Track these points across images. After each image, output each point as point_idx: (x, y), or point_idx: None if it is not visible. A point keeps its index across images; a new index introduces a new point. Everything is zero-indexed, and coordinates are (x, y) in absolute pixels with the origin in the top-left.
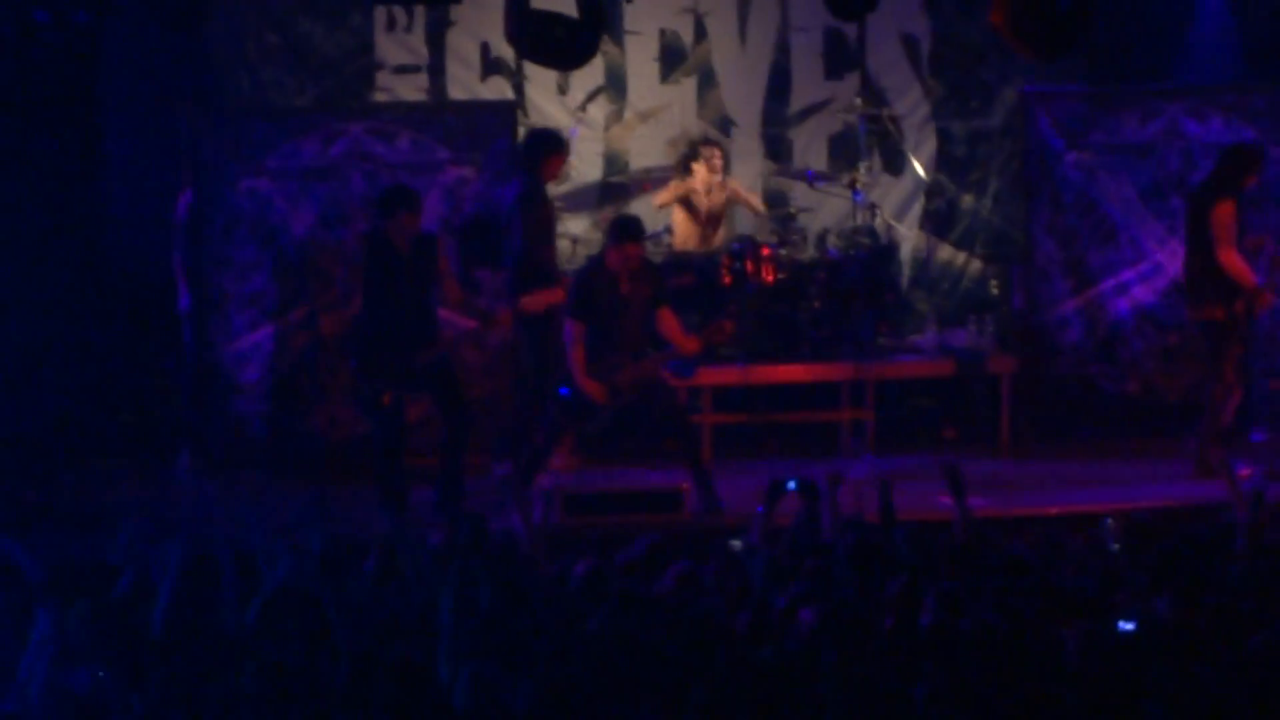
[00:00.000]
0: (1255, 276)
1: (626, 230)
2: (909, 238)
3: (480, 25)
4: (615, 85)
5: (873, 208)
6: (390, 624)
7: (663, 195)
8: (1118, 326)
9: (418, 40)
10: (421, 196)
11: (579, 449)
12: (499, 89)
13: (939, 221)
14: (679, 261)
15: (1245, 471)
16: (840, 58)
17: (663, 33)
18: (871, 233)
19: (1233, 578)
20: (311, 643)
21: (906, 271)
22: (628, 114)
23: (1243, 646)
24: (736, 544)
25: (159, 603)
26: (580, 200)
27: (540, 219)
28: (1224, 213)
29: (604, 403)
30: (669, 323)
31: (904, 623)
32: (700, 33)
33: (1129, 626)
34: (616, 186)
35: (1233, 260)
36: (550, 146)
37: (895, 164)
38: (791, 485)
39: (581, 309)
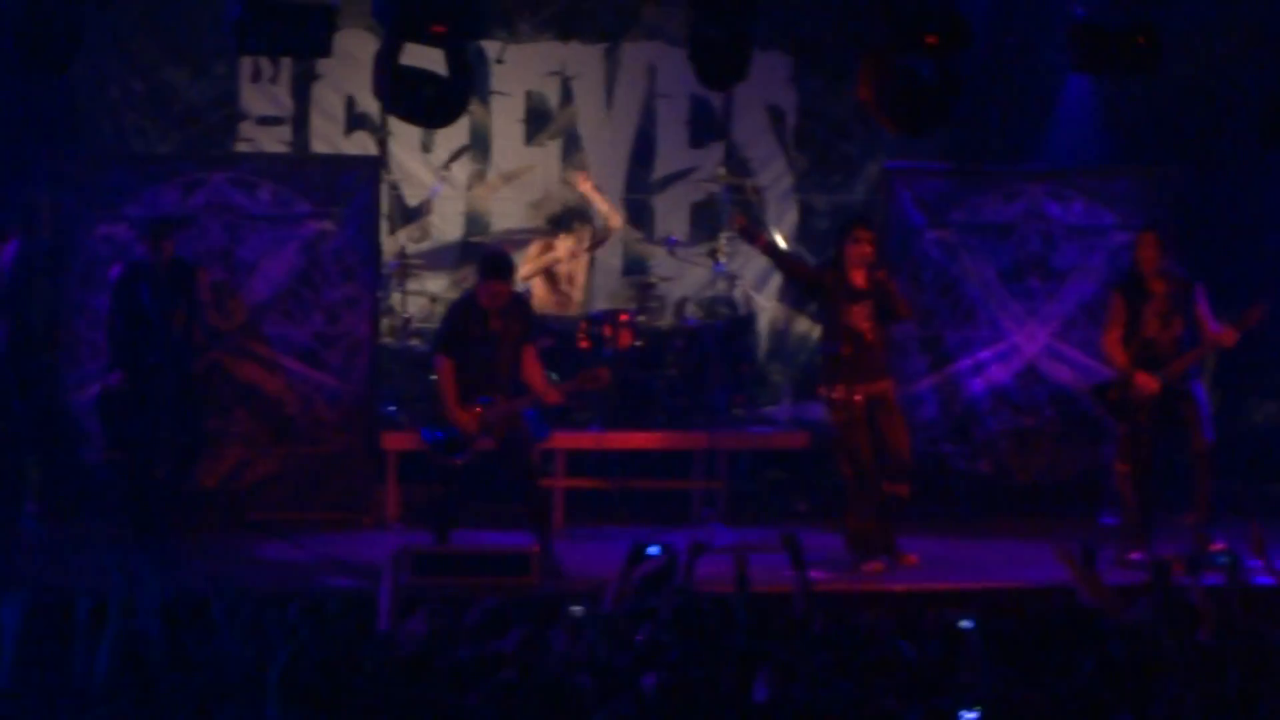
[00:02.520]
0: (1125, 360)
1: (493, 267)
2: (767, 309)
3: (346, 79)
4: (479, 145)
5: (732, 278)
6: (219, 679)
7: (526, 267)
8: (972, 406)
9: (283, 92)
10: (172, 226)
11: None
12: (362, 144)
13: (798, 294)
14: (537, 324)
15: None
16: (705, 126)
17: (529, 95)
18: (730, 303)
19: (1087, 663)
20: (151, 696)
21: (764, 343)
22: (491, 174)
23: None
24: (578, 609)
25: (3, 655)
26: (440, 259)
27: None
28: (1112, 301)
29: (474, 434)
30: (531, 365)
31: (740, 693)
32: (567, 96)
33: (972, 716)
34: (477, 246)
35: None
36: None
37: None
38: (653, 551)
39: (450, 343)
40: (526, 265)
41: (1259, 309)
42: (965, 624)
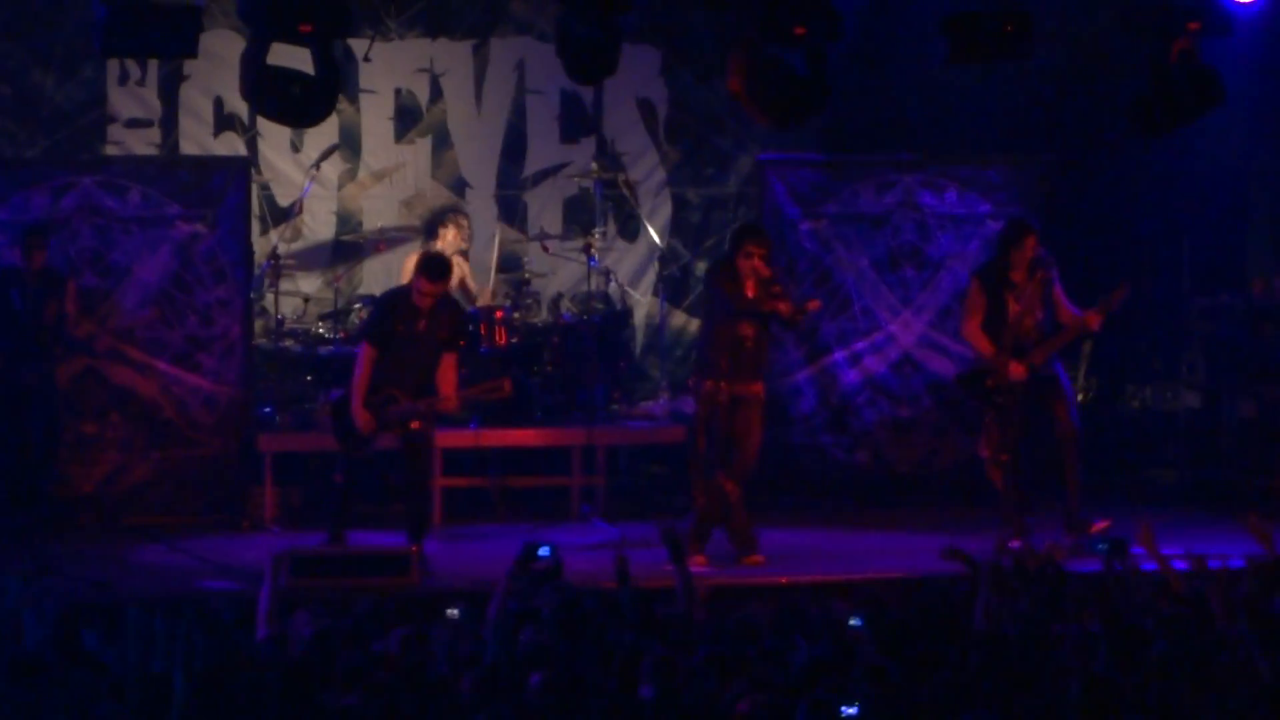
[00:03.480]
0: (991, 346)
1: (432, 267)
2: (643, 304)
3: (214, 80)
4: (350, 144)
5: (607, 273)
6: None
7: (407, 272)
8: (849, 396)
9: (150, 94)
10: (44, 234)
11: None
12: (232, 144)
13: (673, 288)
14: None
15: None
16: (577, 121)
17: (398, 92)
18: (606, 298)
19: (965, 653)
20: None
21: (640, 338)
22: (361, 173)
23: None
24: (454, 613)
25: None
26: (312, 259)
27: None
28: (970, 289)
29: (368, 434)
30: (447, 368)
31: (625, 691)
32: (436, 93)
33: (851, 711)
34: (350, 245)
35: (965, 330)
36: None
37: (630, 229)
38: (544, 551)
39: (376, 334)
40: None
41: (1122, 291)
42: (854, 622)
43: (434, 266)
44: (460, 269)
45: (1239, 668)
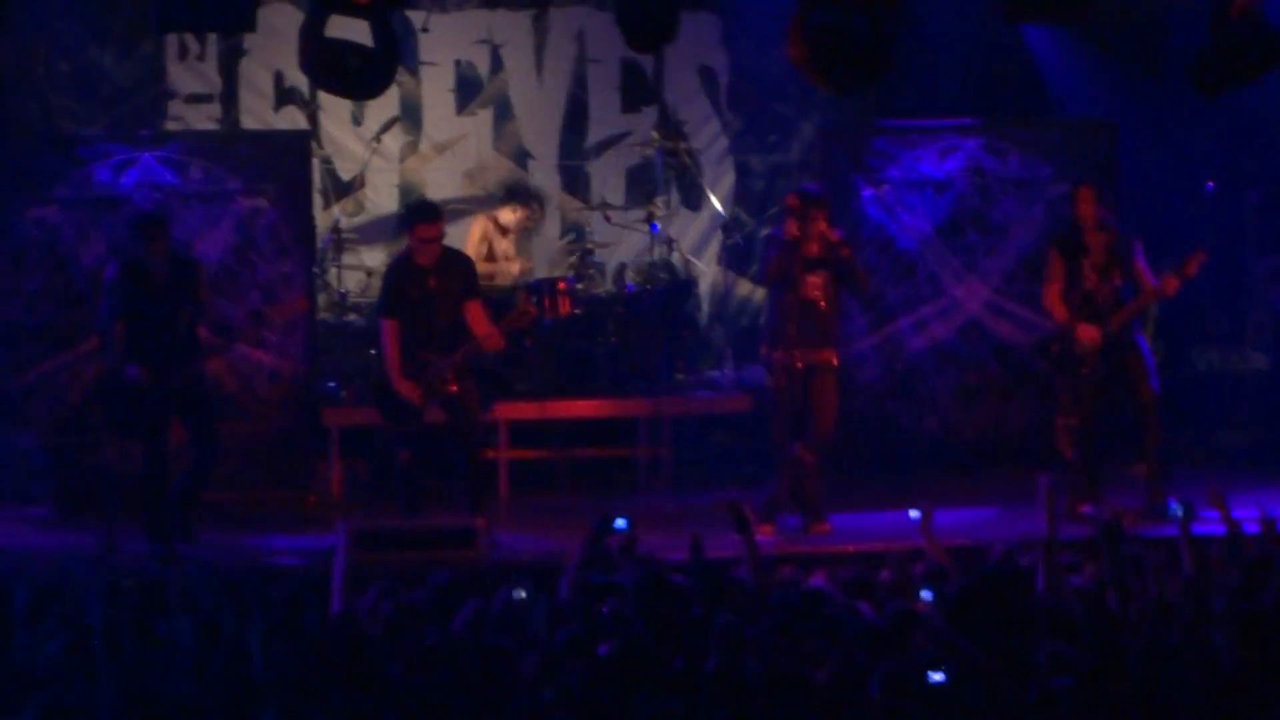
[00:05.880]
0: (1066, 313)
1: (419, 213)
2: (707, 273)
3: (274, 54)
4: (410, 116)
5: (670, 242)
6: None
7: (472, 241)
8: (916, 363)
9: (210, 69)
10: (165, 222)
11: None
12: (292, 119)
13: (737, 256)
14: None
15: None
16: (638, 91)
17: (459, 64)
18: (669, 268)
19: (1032, 620)
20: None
21: (705, 307)
22: (423, 145)
23: (1042, 690)
24: (521, 593)
25: None
26: (375, 232)
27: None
28: (1049, 256)
29: (420, 404)
30: (476, 315)
31: (692, 662)
32: (496, 64)
33: (939, 678)
34: None
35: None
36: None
37: (693, 198)
38: (621, 523)
39: (392, 305)
40: (471, 239)
41: (1199, 257)
42: (925, 594)
43: (426, 209)
44: (502, 242)
45: None
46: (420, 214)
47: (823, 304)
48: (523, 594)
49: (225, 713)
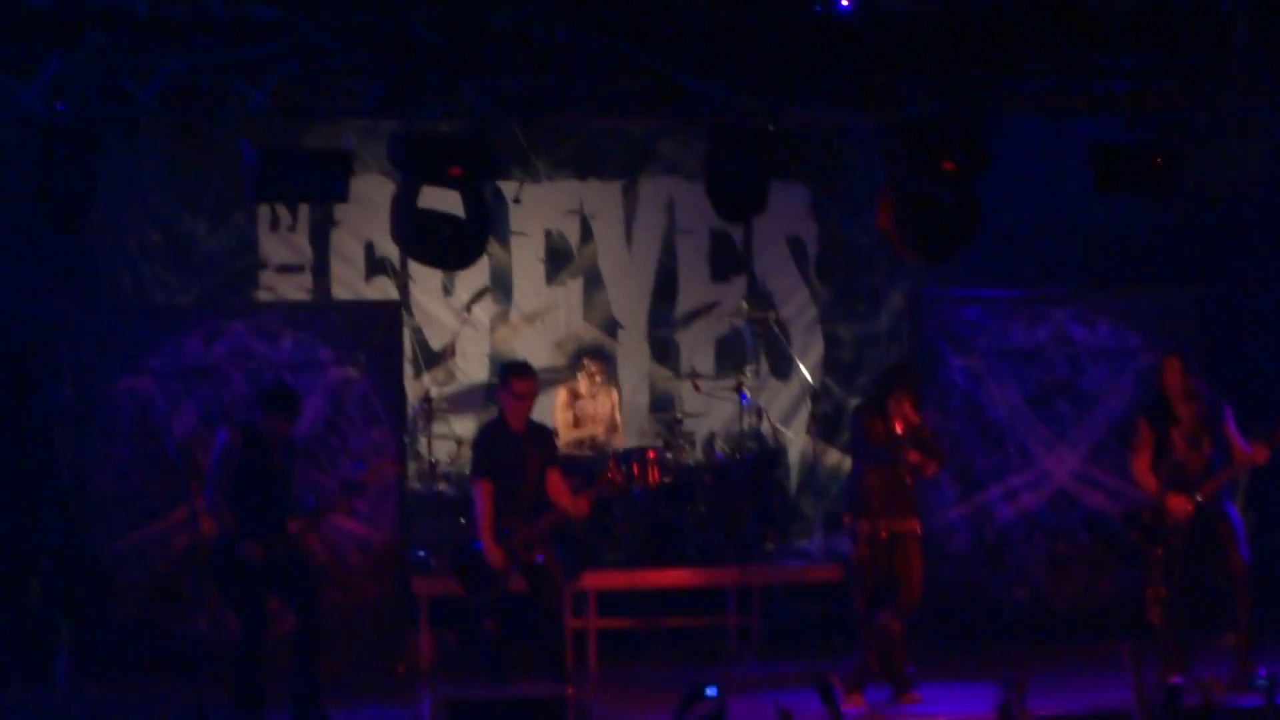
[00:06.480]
0: (1156, 484)
1: (514, 369)
2: (796, 441)
3: (365, 224)
4: (501, 286)
5: (760, 411)
6: None
7: (559, 413)
8: (1006, 533)
9: (301, 239)
10: (302, 401)
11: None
12: (383, 289)
13: (826, 425)
14: (566, 465)
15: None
16: (727, 260)
17: (549, 234)
18: (758, 436)
19: None
20: None
21: (794, 475)
22: (513, 315)
23: None
24: None
25: None
26: (465, 401)
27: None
28: (1137, 425)
29: (502, 569)
30: (556, 484)
31: None
32: (587, 234)
33: None
34: None
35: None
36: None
37: (782, 367)
38: (711, 691)
39: (488, 467)
40: (558, 411)
41: None
42: None
43: (520, 365)
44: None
45: None
46: (515, 370)
47: (905, 480)
48: None
49: None
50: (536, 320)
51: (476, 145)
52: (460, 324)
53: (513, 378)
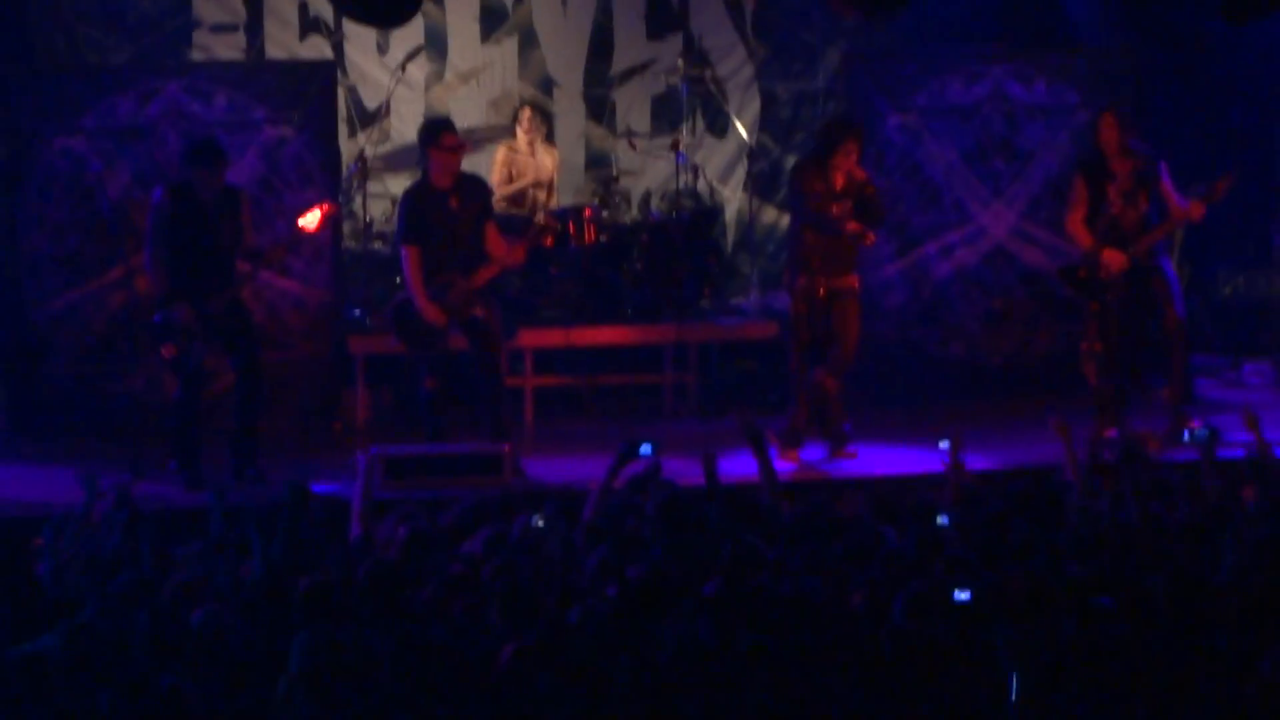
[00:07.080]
0: (1091, 239)
1: (441, 124)
2: (733, 200)
3: None
4: (435, 45)
5: (696, 170)
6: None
7: (497, 170)
8: (942, 289)
9: None
10: (229, 153)
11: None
12: (317, 48)
13: (763, 184)
14: (503, 222)
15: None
16: (663, 18)
17: None
18: (695, 195)
19: (1063, 542)
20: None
21: (730, 234)
22: (448, 74)
23: (1075, 611)
24: (539, 520)
25: None
26: (400, 160)
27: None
28: (1073, 181)
29: (442, 326)
30: (493, 238)
31: (698, 584)
32: None
33: (965, 596)
34: None
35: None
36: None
37: (719, 126)
38: (646, 449)
39: (414, 232)
40: (496, 174)
41: (1226, 181)
42: (941, 520)
43: (442, 121)
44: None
45: None
46: (444, 125)
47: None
48: (540, 521)
49: (257, 641)
50: (471, 79)
51: None
52: (394, 83)
53: (443, 132)
